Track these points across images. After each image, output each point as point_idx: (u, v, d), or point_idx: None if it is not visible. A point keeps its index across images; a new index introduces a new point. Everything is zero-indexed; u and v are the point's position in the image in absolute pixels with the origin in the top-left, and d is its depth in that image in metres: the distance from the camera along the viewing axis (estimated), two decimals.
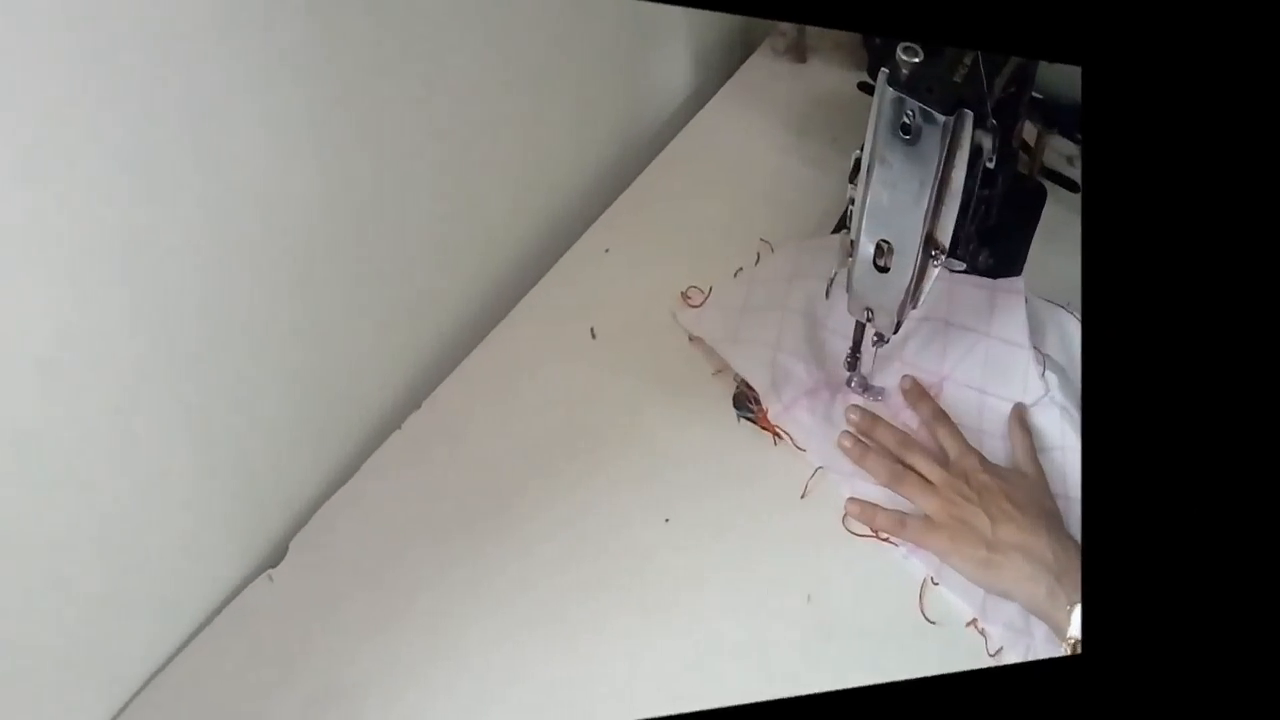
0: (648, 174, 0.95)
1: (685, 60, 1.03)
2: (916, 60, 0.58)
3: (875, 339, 0.73)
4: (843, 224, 0.86)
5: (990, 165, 0.58)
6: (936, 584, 0.71)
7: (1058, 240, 0.89)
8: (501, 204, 0.83)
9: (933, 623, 0.69)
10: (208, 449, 0.59)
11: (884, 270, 0.66)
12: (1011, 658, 0.67)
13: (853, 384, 0.79)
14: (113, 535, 0.53)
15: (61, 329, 0.49)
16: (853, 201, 0.65)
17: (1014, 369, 0.78)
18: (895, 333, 0.71)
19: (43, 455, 0.50)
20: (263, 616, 0.63)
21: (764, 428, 0.77)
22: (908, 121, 0.59)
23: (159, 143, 0.50)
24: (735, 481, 0.75)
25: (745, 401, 0.78)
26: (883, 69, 0.59)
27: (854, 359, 0.77)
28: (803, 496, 0.74)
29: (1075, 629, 0.63)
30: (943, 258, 0.63)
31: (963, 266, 0.66)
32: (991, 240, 0.84)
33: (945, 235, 0.61)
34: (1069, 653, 0.63)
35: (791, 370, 0.78)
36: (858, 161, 0.64)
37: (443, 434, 0.76)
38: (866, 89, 1.02)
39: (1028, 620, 0.68)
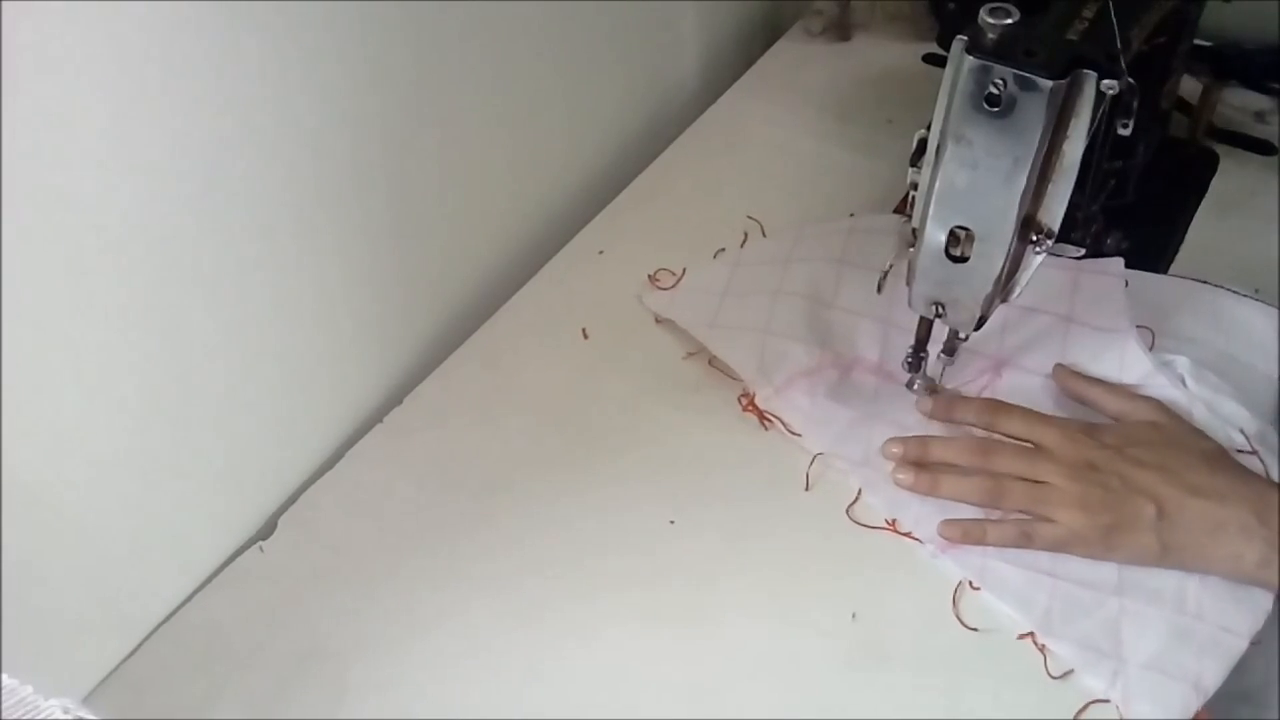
0: (648, 174, 0.90)
1: (693, 53, 0.98)
2: (1008, 22, 0.52)
3: (950, 337, 0.66)
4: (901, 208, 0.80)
5: (1125, 132, 0.51)
6: (977, 589, 0.61)
7: (1234, 215, 0.78)
8: (492, 203, 0.80)
9: (974, 629, 0.60)
10: (203, 433, 0.64)
11: (960, 260, 0.60)
12: (1090, 683, 0.57)
13: (915, 386, 0.71)
14: (132, 496, 0.61)
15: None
16: (915, 186, 0.60)
17: (1106, 351, 0.68)
18: (977, 329, 0.63)
19: (64, 437, 0.55)
20: (254, 582, 0.67)
21: (752, 414, 0.71)
22: (995, 92, 0.52)
23: (153, 128, 0.52)
24: (740, 479, 0.69)
25: None
26: (959, 36, 0.53)
27: (917, 358, 0.70)
28: (808, 489, 0.67)
29: None
30: (1048, 243, 0.55)
31: (1079, 253, 0.59)
32: (1127, 220, 0.74)
33: (1053, 218, 0.54)
34: None
35: (785, 351, 0.72)
36: (922, 142, 0.58)
37: (424, 428, 0.74)
38: (935, 61, 0.96)
39: (1116, 638, 0.58)
